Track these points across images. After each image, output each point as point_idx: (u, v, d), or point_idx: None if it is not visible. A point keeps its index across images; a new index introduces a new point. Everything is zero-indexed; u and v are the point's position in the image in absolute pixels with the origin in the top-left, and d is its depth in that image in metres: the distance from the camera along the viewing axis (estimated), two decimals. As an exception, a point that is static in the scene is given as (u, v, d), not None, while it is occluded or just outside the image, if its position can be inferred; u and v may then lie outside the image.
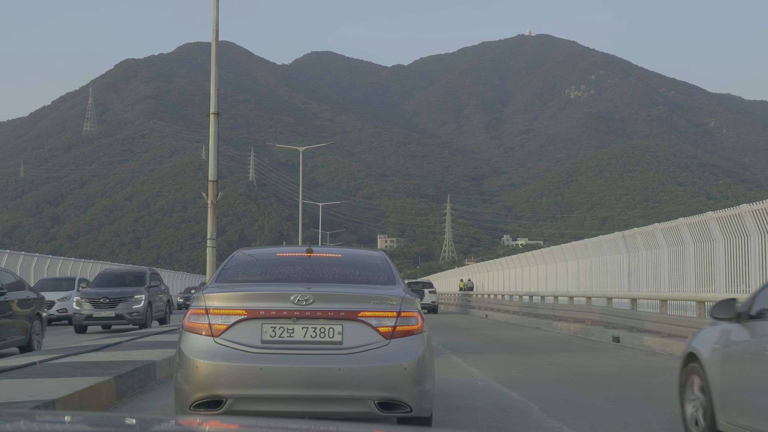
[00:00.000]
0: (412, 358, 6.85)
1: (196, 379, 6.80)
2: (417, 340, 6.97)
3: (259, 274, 7.88)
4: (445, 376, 12.65)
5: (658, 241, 26.05)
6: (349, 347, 6.81)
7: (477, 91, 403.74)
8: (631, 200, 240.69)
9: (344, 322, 6.86)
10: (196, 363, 6.81)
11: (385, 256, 8.40)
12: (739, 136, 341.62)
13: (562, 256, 36.99)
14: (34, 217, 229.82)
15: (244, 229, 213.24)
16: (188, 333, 7.02)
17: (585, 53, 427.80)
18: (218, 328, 6.88)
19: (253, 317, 6.86)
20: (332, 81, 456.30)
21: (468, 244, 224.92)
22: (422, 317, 7.17)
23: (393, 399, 6.78)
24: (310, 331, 6.84)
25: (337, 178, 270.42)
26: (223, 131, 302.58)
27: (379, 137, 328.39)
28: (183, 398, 6.91)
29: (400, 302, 7.01)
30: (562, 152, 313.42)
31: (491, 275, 55.27)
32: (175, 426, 2.98)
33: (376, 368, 6.75)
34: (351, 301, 6.94)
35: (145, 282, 27.58)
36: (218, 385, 6.75)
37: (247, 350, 6.79)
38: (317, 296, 6.89)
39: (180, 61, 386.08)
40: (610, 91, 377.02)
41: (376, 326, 6.88)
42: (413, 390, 6.83)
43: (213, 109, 25.97)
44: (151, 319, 27.12)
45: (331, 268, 7.94)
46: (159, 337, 17.67)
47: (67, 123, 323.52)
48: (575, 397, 10.81)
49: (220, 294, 7.05)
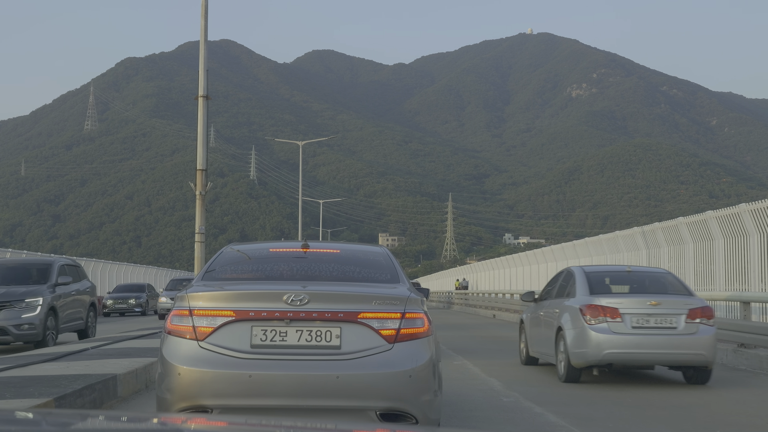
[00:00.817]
0: (417, 364, 6.28)
1: (178, 387, 6.21)
2: (423, 344, 6.39)
3: (250, 271, 7.22)
4: (463, 389, 11.82)
5: (658, 240, 25.93)
6: (348, 352, 6.24)
7: (478, 90, 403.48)
8: (632, 199, 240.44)
9: (343, 324, 6.29)
10: (178, 370, 6.21)
11: (388, 252, 7.81)
12: (740, 135, 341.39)
13: (564, 255, 36.83)
14: (35, 216, 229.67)
15: (245, 228, 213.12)
16: (171, 336, 6.40)
17: (587, 52, 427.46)
18: (203, 331, 6.26)
19: (241, 319, 6.25)
20: (333, 79, 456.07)
21: (470, 243, 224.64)
22: (429, 319, 6.60)
23: (397, 409, 6.23)
24: (305, 334, 6.27)
25: (339, 176, 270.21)
26: (224, 129, 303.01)
27: (381, 136, 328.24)
28: (165, 408, 6.36)
29: (405, 302, 6.45)
30: (563, 151, 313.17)
31: (487, 274, 55.20)
32: (172, 423, 2.94)
33: (378, 375, 6.19)
34: (350, 302, 6.37)
35: (49, 278, 19.22)
36: (203, 394, 6.16)
37: (235, 356, 6.19)
38: (313, 296, 6.32)
39: (181, 60, 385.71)
40: (612, 90, 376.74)
41: (378, 329, 6.31)
42: (419, 399, 6.28)
43: (202, 92, 24.39)
44: (57, 332, 18.87)
45: (328, 265, 7.28)
46: (136, 343, 15.46)
47: (68, 121, 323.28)
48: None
49: (206, 293, 6.43)
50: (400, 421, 6.27)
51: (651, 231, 26.51)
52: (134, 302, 41.67)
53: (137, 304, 41.87)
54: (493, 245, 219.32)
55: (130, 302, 41.68)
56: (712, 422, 9.49)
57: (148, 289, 44.26)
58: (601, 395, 11.44)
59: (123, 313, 41.68)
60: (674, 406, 10.54)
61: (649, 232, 26.68)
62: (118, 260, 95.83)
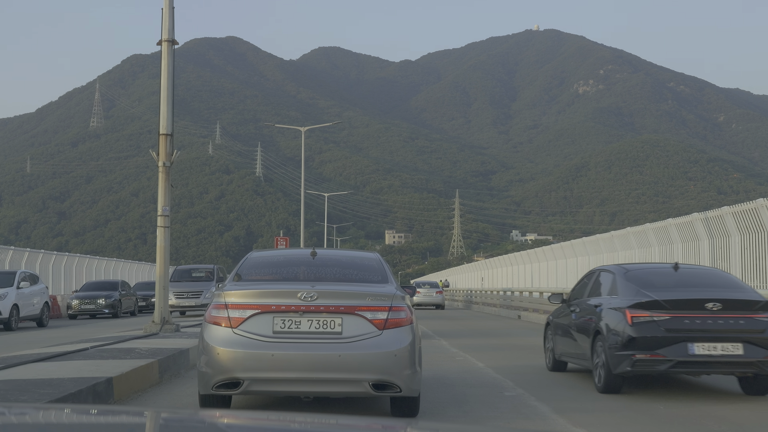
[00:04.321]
0: (401, 346, 7.98)
1: (217, 363, 7.95)
2: (406, 331, 8.09)
3: (270, 273, 9.00)
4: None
5: (672, 237, 25.21)
6: (347, 337, 7.95)
7: (485, 87, 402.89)
8: (640, 195, 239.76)
9: (343, 315, 7.99)
10: (217, 350, 7.96)
11: (380, 257, 9.54)
12: (748, 131, 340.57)
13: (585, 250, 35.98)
14: (40, 213, 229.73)
15: (251, 225, 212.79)
16: (210, 324, 8.15)
17: (593, 48, 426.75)
18: (236, 320, 8.02)
19: (265, 311, 8.01)
20: (340, 76, 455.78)
21: (477, 240, 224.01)
22: (411, 311, 8.32)
23: (385, 381, 7.93)
24: (315, 323, 8.00)
25: (345, 173, 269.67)
26: (229, 126, 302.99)
27: (387, 132, 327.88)
28: (206, 381, 8.08)
29: (392, 299, 8.15)
30: (570, 147, 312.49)
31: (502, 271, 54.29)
32: (188, 418, 3.02)
33: (371, 355, 7.88)
34: (349, 298, 8.07)
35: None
36: (236, 369, 7.89)
37: (260, 339, 7.94)
38: (320, 293, 8.03)
39: (187, 57, 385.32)
40: (619, 86, 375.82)
41: (371, 319, 8.00)
42: (402, 373, 7.96)
43: (165, 35, 19.44)
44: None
45: (332, 269, 9.06)
46: (138, 343, 14.97)
47: (74, 118, 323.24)
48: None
49: (237, 291, 8.21)
50: (388, 390, 8.01)
51: (687, 223, 25.62)
52: (103, 302, 35.83)
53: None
54: (501, 242, 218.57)
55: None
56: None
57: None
58: (647, 408, 9.99)
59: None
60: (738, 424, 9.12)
61: (685, 224, 25.81)
62: (124, 258, 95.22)
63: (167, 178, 19.31)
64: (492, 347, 19.04)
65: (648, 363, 10.46)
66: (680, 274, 11.88)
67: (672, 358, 10.34)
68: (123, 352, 12.79)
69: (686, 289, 11.18)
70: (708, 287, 11.24)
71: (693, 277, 12.00)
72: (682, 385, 12.12)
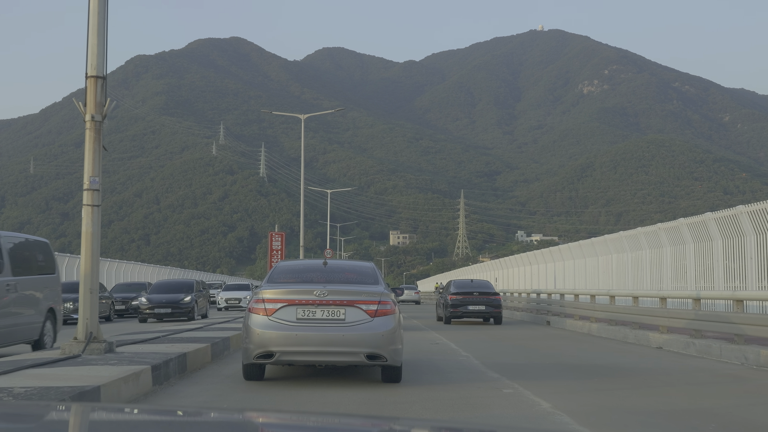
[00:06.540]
0: (387, 328, 10.83)
1: (256, 341, 10.81)
2: (391, 318, 10.98)
3: (293, 277, 11.81)
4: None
5: (684, 237, 24.42)
6: (349, 322, 10.78)
7: (489, 87, 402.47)
8: (646, 195, 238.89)
9: (346, 307, 10.85)
10: (257, 331, 10.79)
11: (374, 266, 12.62)
12: (753, 131, 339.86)
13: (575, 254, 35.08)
14: (44, 214, 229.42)
15: (255, 225, 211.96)
16: (251, 313, 11.02)
17: (598, 48, 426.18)
18: (270, 311, 10.87)
19: (291, 304, 10.86)
20: (344, 77, 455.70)
21: (482, 240, 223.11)
22: (395, 304, 11.28)
23: (376, 354, 10.77)
24: (326, 312, 10.81)
25: (349, 173, 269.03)
26: (233, 127, 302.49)
27: (391, 133, 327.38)
28: (248, 353, 10.96)
29: (380, 295, 11.06)
30: (575, 147, 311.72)
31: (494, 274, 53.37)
32: (190, 418, 3.04)
33: (366, 335, 10.71)
34: (350, 295, 10.95)
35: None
36: (271, 344, 10.74)
37: (287, 323, 10.76)
38: (330, 291, 10.87)
39: (191, 58, 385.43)
40: (624, 86, 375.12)
41: (366, 310, 10.88)
42: (388, 348, 10.82)
43: None
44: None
45: (338, 274, 11.94)
46: (20, 379, 9.30)
47: (78, 119, 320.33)
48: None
49: (271, 290, 11.06)
50: (377, 360, 10.83)
51: (700, 223, 24.71)
52: (71, 306, 30.61)
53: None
54: (506, 243, 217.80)
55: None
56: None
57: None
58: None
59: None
60: None
61: (697, 224, 24.93)
62: (126, 259, 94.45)
63: (97, 137, 13.16)
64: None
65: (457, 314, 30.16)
66: (474, 284, 31.60)
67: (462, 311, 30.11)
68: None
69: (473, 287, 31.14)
70: (478, 287, 31.02)
71: (478, 284, 31.77)
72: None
